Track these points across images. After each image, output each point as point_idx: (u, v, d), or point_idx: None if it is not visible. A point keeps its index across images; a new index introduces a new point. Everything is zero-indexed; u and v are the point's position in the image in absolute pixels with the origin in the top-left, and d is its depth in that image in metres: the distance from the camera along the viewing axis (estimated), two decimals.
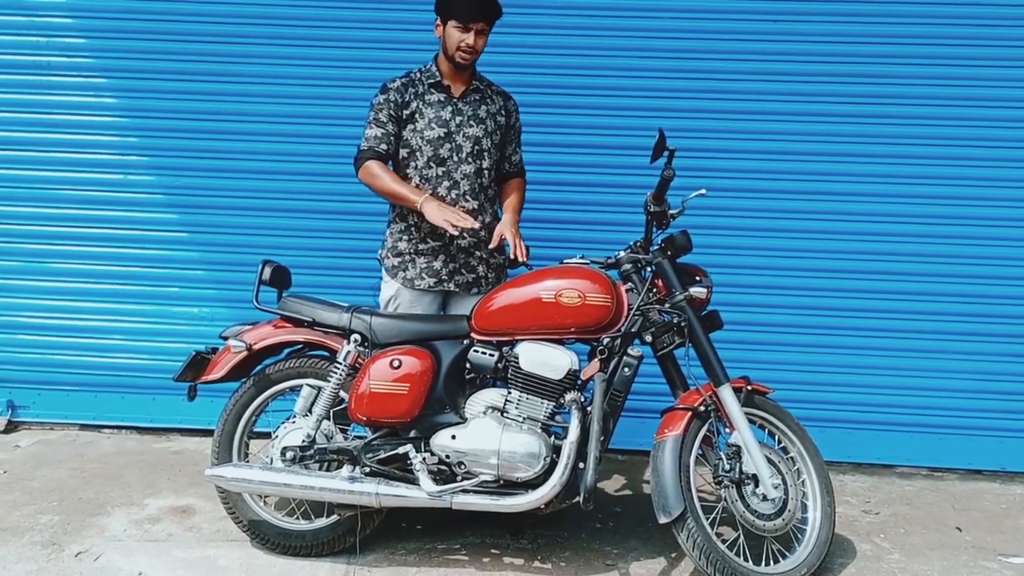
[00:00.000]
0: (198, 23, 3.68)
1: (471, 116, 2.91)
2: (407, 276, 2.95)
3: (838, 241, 3.66)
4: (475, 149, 2.90)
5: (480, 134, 2.90)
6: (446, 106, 2.89)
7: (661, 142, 2.55)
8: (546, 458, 2.57)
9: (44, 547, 2.77)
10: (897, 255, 3.65)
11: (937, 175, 3.62)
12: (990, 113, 3.58)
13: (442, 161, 2.88)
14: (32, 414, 3.88)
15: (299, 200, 3.74)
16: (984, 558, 2.91)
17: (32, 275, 3.81)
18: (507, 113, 3.00)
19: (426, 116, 2.88)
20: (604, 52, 3.65)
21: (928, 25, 3.57)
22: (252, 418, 2.82)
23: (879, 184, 3.63)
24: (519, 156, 3.11)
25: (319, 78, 3.70)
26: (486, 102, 2.95)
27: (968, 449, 3.68)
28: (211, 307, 3.81)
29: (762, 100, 3.63)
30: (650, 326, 2.66)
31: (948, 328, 3.66)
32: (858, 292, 3.67)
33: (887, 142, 3.62)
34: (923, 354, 3.67)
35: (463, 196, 2.89)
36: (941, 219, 3.63)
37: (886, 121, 3.60)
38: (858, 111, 3.61)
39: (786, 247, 3.67)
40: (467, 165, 2.89)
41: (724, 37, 3.62)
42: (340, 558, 2.74)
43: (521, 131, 3.09)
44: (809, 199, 3.65)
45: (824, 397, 3.69)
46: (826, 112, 3.62)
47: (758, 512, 2.58)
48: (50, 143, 3.75)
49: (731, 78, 3.63)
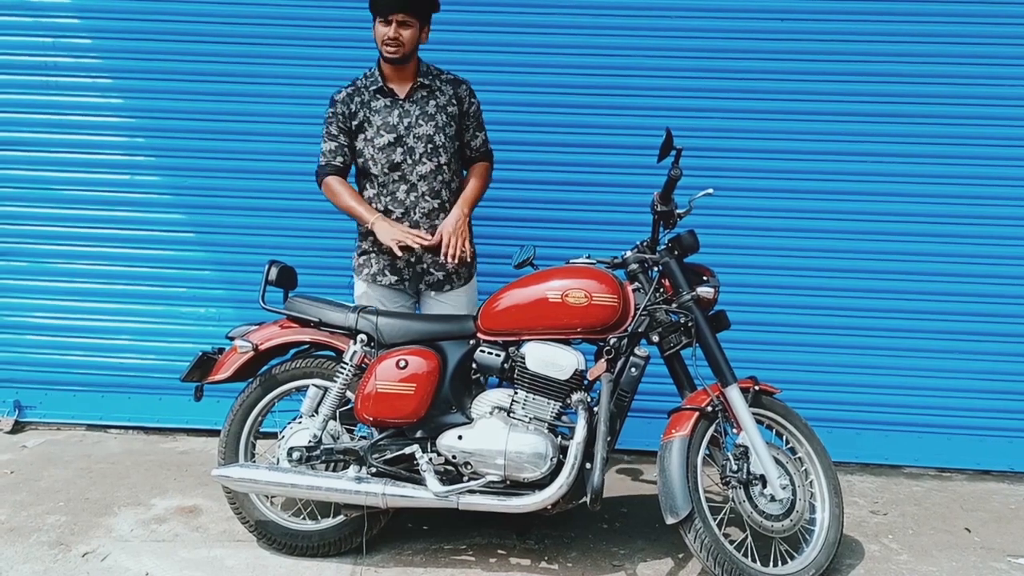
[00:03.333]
0: (205, 23, 3.68)
1: (420, 115, 2.87)
2: (370, 272, 2.95)
3: (846, 241, 3.64)
4: (428, 148, 2.87)
5: (431, 131, 2.87)
6: (393, 110, 2.87)
7: (668, 141, 2.54)
8: (553, 458, 2.56)
9: (51, 547, 2.78)
10: (905, 255, 3.63)
11: (944, 174, 3.60)
12: (993, 111, 3.55)
13: (396, 166, 2.86)
14: (39, 414, 3.89)
15: (305, 200, 3.73)
16: (993, 559, 2.90)
17: (39, 276, 3.82)
18: (459, 100, 2.94)
19: (374, 124, 2.87)
20: (609, 51, 3.63)
21: (938, 24, 3.54)
22: (259, 418, 2.82)
23: (885, 183, 3.61)
24: (480, 139, 3.03)
25: (327, 78, 3.65)
26: (434, 95, 2.91)
27: (977, 449, 3.66)
28: (218, 307, 3.81)
29: (769, 99, 3.61)
30: (657, 326, 2.66)
31: (956, 328, 3.64)
32: (864, 292, 3.65)
33: (895, 141, 3.60)
34: (931, 354, 3.66)
35: (422, 197, 2.88)
36: (949, 218, 3.61)
37: (894, 120, 3.58)
38: (865, 110, 3.59)
39: (794, 247, 3.66)
40: (422, 166, 2.87)
41: (730, 36, 3.60)
42: (347, 558, 2.74)
43: (480, 114, 3.01)
44: (816, 198, 3.64)
45: (832, 397, 3.68)
46: (833, 111, 3.60)
47: (766, 513, 2.57)
48: (57, 144, 3.76)
49: (737, 77, 3.61)
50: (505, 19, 3.38)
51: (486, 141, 3.07)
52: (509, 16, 3.51)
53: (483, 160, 3.05)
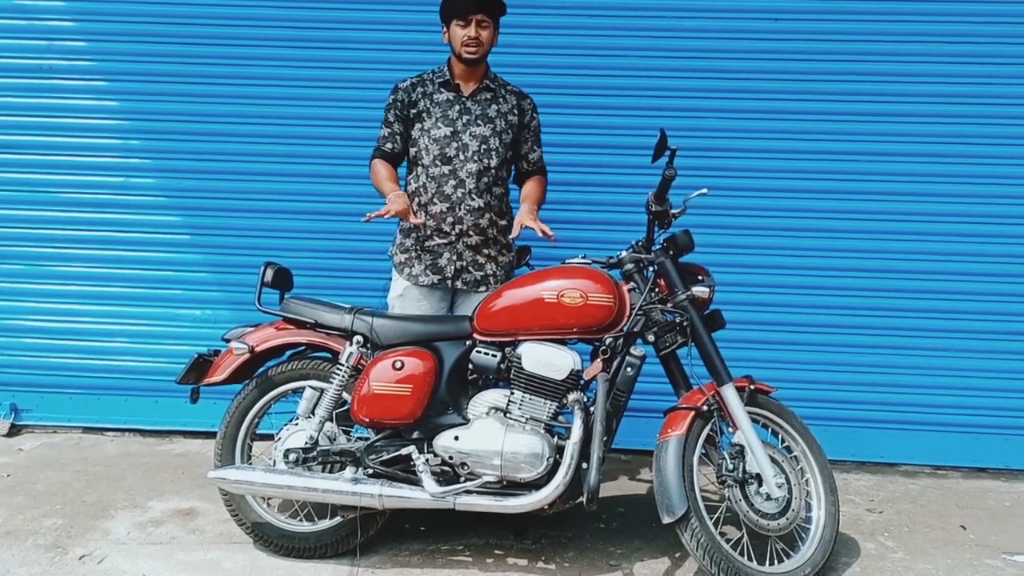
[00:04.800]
0: (200, 25, 3.68)
1: (479, 115, 2.92)
2: (412, 272, 2.96)
3: (842, 240, 3.65)
4: (481, 148, 2.90)
5: (487, 133, 2.91)
6: (454, 105, 2.91)
7: (662, 142, 2.55)
8: (549, 459, 2.57)
9: (48, 550, 2.77)
10: (899, 253, 3.64)
11: (936, 173, 3.61)
12: (986, 110, 3.57)
13: (448, 160, 2.89)
14: (35, 417, 3.88)
15: (301, 202, 3.74)
16: (988, 556, 2.91)
17: (34, 278, 3.82)
18: (521, 112, 3.00)
19: (433, 115, 2.90)
20: (605, 52, 3.64)
21: (934, 24, 3.55)
22: (255, 420, 2.82)
23: (879, 183, 3.62)
24: (537, 155, 3.09)
25: (323, 79, 3.69)
26: (497, 101, 2.96)
27: (972, 447, 3.67)
28: (213, 309, 3.81)
29: (764, 99, 3.62)
30: (653, 326, 2.66)
31: (951, 326, 3.65)
32: (860, 291, 3.66)
33: (888, 141, 3.61)
34: (926, 352, 3.67)
35: (468, 194, 2.89)
36: (944, 217, 3.61)
37: (888, 119, 3.59)
38: (860, 109, 3.60)
39: (789, 246, 3.67)
40: (472, 164, 2.89)
41: (725, 36, 3.61)
42: (344, 560, 2.74)
43: (539, 130, 3.08)
44: (812, 198, 3.64)
45: (827, 396, 3.68)
46: (828, 111, 3.61)
47: (762, 511, 2.58)
48: (52, 146, 3.76)
49: (731, 77, 3.62)
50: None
51: (542, 157, 3.11)
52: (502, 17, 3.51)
53: (540, 175, 3.10)
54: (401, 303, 3.00)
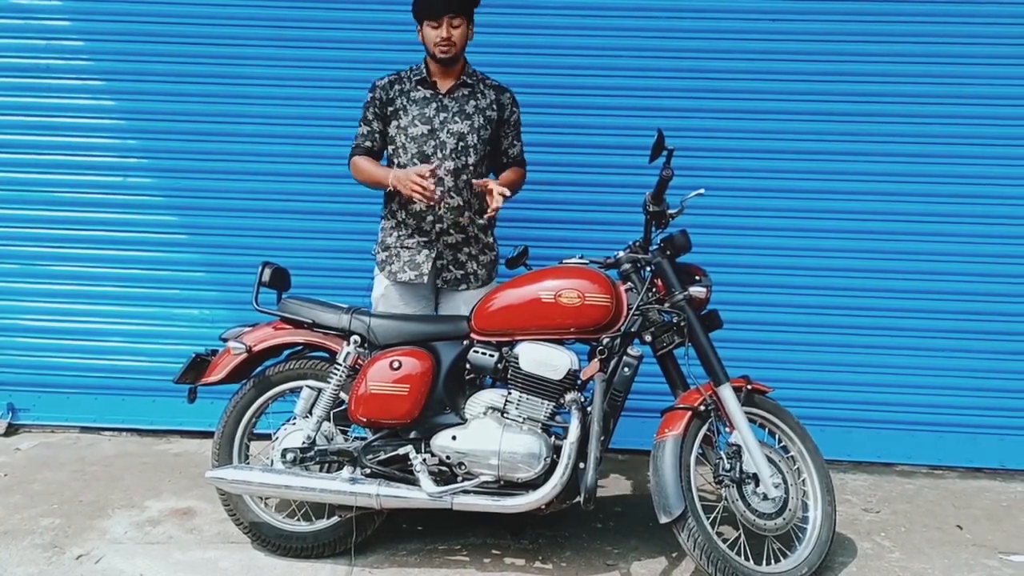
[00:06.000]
0: (196, 25, 3.68)
1: (456, 112, 2.90)
2: (391, 270, 2.96)
3: (836, 240, 3.65)
4: (459, 145, 2.89)
5: (465, 130, 2.89)
6: (431, 103, 2.90)
7: (660, 142, 2.55)
8: (546, 458, 2.57)
9: (45, 550, 2.77)
10: (896, 253, 3.64)
11: (933, 174, 3.61)
12: (984, 111, 3.57)
13: (426, 158, 2.88)
14: (33, 417, 3.88)
15: (298, 201, 3.74)
16: (985, 556, 2.91)
17: (32, 278, 3.81)
18: (500, 107, 2.98)
19: (410, 113, 2.89)
20: (601, 52, 3.64)
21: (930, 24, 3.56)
22: (252, 420, 2.82)
23: (876, 183, 3.62)
24: (517, 149, 3.08)
25: (317, 79, 3.69)
26: (475, 97, 2.94)
27: (968, 447, 3.68)
28: (211, 309, 3.80)
29: (760, 99, 3.62)
30: (650, 326, 2.66)
31: (947, 326, 3.66)
32: (858, 290, 3.66)
33: (884, 141, 3.61)
34: (922, 352, 3.67)
35: (447, 192, 2.88)
36: (941, 217, 3.62)
37: (884, 120, 3.59)
38: (857, 110, 3.60)
39: (785, 246, 3.67)
40: (450, 161, 2.88)
41: (721, 36, 3.61)
42: (341, 559, 2.74)
43: (519, 124, 3.06)
44: (809, 198, 3.65)
45: (824, 396, 3.69)
46: (825, 111, 3.61)
47: (759, 511, 2.58)
48: (49, 146, 3.75)
49: (728, 77, 3.62)
50: (491, 20, 3.35)
51: (522, 152, 3.10)
52: (495, 17, 3.49)
53: (519, 166, 3.09)
54: (384, 302, 2.99)
